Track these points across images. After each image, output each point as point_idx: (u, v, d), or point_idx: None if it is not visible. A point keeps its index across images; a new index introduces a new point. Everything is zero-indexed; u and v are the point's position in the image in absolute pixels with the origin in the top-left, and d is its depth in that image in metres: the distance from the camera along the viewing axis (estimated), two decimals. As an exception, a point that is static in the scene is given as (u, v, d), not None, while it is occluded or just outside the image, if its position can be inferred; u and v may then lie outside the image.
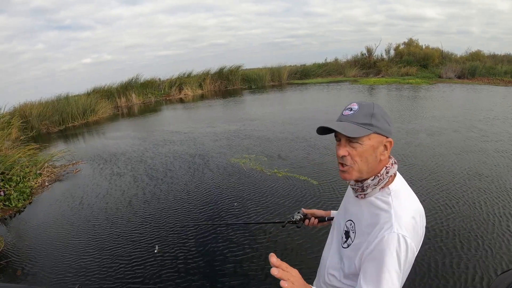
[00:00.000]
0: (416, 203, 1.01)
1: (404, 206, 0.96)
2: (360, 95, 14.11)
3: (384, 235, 0.90)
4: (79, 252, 3.50)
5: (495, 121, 8.05)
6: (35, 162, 6.65)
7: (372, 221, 0.98)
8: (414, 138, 6.75)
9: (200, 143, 7.69)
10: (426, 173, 4.88)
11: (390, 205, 0.96)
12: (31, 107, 12.57)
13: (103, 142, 9.15)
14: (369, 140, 0.98)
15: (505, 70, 18.26)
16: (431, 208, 3.77)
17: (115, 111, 15.90)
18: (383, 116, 1.00)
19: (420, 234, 0.98)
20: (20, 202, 5.08)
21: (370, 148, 0.99)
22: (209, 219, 3.97)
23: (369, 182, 1.02)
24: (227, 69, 21.53)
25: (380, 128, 0.98)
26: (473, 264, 2.81)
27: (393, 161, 1.06)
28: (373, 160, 1.00)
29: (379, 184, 1.01)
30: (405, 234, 0.89)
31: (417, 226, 0.95)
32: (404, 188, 1.04)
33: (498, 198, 3.98)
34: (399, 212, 0.93)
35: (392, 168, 1.03)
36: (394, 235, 0.89)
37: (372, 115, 0.98)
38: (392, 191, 1.00)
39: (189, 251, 3.33)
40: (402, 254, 0.88)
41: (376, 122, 0.98)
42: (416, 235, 0.94)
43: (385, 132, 1.00)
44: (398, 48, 24.02)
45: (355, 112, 1.00)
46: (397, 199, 0.97)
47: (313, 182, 4.76)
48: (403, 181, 1.06)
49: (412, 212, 0.96)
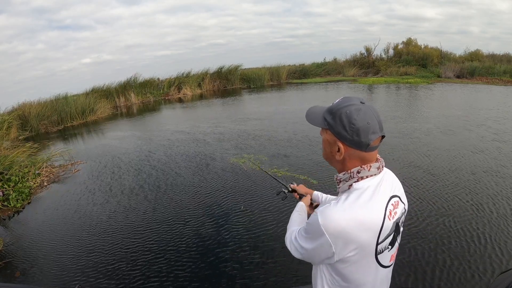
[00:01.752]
0: (362, 213, 0.95)
1: (345, 210, 0.95)
2: (359, 94, 14.10)
3: (314, 214, 1.00)
4: (78, 252, 3.49)
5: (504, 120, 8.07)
6: (34, 162, 6.63)
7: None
8: (417, 137, 6.76)
9: (199, 142, 7.68)
10: (420, 170, 4.89)
11: (338, 199, 1.01)
12: (30, 107, 12.54)
13: (102, 142, 9.13)
14: (326, 133, 1.04)
15: (504, 70, 18.25)
16: (430, 207, 3.77)
17: (114, 110, 15.87)
18: (342, 119, 0.96)
19: (349, 246, 0.94)
20: (19, 202, 5.06)
21: (326, 141, 1.06)
22: (210, 218, 3.97)
23: (341, 176, 1.05)
24: (226, 68, 21.52)
25: (332, 127, 1.00)
26: (473, 264, 2.80)
27: (379, 165, 1.02)
28: (329, 154, 1.07)
29: (349, 181, 1.02)
30: (321, 222, 0.94)
31: (346, 235, 0.93)
32: (367, 192, 0.99)
33: (499, 198, 3.98)
34: (336, 209, 0.96)
35: (365, 170, 1.00)
36: (317, 215, 0.97)
37: (333, 113, 0.99)
38: (352, 189, 1.00)
39: (190, 251, 3.33)
40: (310, 226, 1.01)
41: (331, 120, 1.00)
42: (339, 239, 0.93)
43: (337, 135, 0.99)
44: (397, 48, 24.05)
45: (332, 104, 1.04)
46: (347, 198, 0.98)
47: (313, 182, 4.75)
48: (376, 189, 1.00)
49: (347, 221, 0.93)
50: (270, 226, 3.66)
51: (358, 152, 0.99)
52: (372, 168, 1.00)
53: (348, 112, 0.95)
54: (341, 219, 0.93)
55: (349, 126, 0.95)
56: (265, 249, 3.25)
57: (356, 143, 0.96)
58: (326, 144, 1.06)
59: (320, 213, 0.96)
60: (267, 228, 3.62)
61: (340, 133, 0.97)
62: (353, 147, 0.98)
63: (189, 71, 21.16)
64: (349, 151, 0.99)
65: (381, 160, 1.05)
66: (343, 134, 0.97)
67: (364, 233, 0.95)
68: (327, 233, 0.93)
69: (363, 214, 0.95)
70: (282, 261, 3.04)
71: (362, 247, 0.96)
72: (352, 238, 0.93)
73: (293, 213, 1.39)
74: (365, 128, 0.94)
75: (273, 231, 3.56)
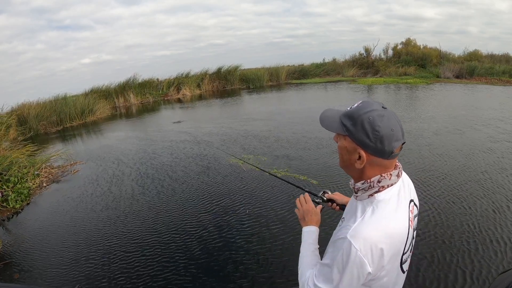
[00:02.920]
0: (392, 226, 0.92)
1: (374, 224, 0.90)
2: (358, 94, 14.11)
3: (340, 235, 0.93)
4: (78, 253, 3.48)
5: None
6: (33, 162, 6.62)
7: (346, 220, 1.01)
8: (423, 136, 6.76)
9: (199, 142, 7.67)
10: (422, 171, 4.89)
11: (364, 213, 0.94)
12: (29, 108, 12.55)
13: (102, 142, 9.12)
14: (344, 140, 0.98)
15: (503, 70, 18.28)
16: (431, 207, 3.76)
17: (113, 111, 15.86)
18: (364, 126, 0.91)
19: (383, 260, 0.89)
20: (18, 203, 5.05)
21: (344, 149, 0.99)
22: (211, 218, 3.96)
23: (359, 186, 0.99)
24: (225, 69, 21.53)
25: (353, 134, 0.93)
26: (473, 263, 2.80)
27: (397, 172, 0.99)
28: (347, 162, 0.99)
29: (369, 190, 0.97)
30: (356, 246, 0.86)
31: (378, 250, 0.88)
32: (391, 203, 0.96)
33: (499, 197, 3.98)
34: (365, 226, 0.90)
35: (386, 179, 0.96)
36: (346, 240, 0.89)
37: (354, 119, 0.93)
38: (376, 201, 0.96)
39: (190, 251, 3.32)
40: (345, 260, 0.88)
41: (352, 127, 0.94)
42: (374, 257, 0.87)
43: (359, 142, 0.93)
44: (396, 48, 24.07)
45: (350, 109, 0.98)
46: (373, 212, 0.93)
47: (313, 182, 4.75)
48: (397, 198, 0.98)
49: (378, 233, 0.89)
50: (272, 225, 3.66)
51: (380, 160, 0.94)
52: (392, 177, 0.96)
53: (371, 118, 0.90)
54: (373, 236, 0.88)
55: (373, 133, 0.90)
56: (265, 249, 3.25)
57: (379, 151, 0.91)
58: (344, 152, 0.99)
59: (352, 237, 0.88)
60: (270, 228, 3.62)
61: (363, 140, 0.92)
62: (375, 155, 0.93)
63: (189, 72, 21.22)
64: (371, 159, 0.94)
65: (399, 166, 1.02)
66: (365, 142, 0.91)
67: (394, 246, 0.92)
68: (362, 253, 0.86)
69: (392, 227, 0.92)
70: (282, 261, 3.03)
71: (392, 261, 0.92)
72: (385, 253, 0.89)
73: (305, 248, 1.21)
74: (389, 135, 0.89)
75: (276, 230, 3.55)
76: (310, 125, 8.48)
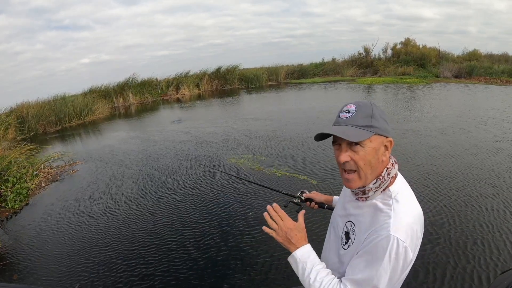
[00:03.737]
0: (417, 208, 0.97)
1: (405, 211, 0.93)
2: (358, 94, 14.12)
3: (380, 235, 0.89)
4: (77, 253, 3.47)
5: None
6: (32, 163, 6.61)
7: (371, 222, 0.97)
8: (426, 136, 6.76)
9: (198, 142, 7.67)
10: (425, 173, 4.88)
11: (391, 207, 0.94)
12: (28, 107, 12.52)
13: (101, 142, 9.10)
14: (370, 142, 0.94)
15: (502, 70, 18.32)
16: (432, 207, 3.76)
17: (112, 111, 15.84)
18: (381, 116, 0.97)
19: (418, 241, 0.94)
20: (17, 203, 5.04)
21: (373, 151, 0.95)
22: (210, 220, 3.95)
23: (371, 186, 0.99)
24: (224, 69, 21.51)
25: (380, 128, 0.95)
26: (473, 263, 2.81)
27: (393, 160, 1.04)
28: (376, 162, 0.97)
29: (381, 186, 0.99)
30: (401, 238, 0.87)
31: (415, 233, 0.91)
32: (405, 190, 1.00)
33: (500, 197, 3.98)
34: (399, 216, 0.91)
35: (393, 169, 1.00)
36: (390, 237, 0.87)
37: (372, 116, 0.95)
38: (393, 193, 0.98)
39: (188, 251, 3.31)
40: (393, 257, 0.87)
41: (376, 123, 0.95)
42: (413, 241, 0.90)
43: (385, 132, 0.97)
44: (395, 48, 24.10)
45: (353, 114, 0.96)
46: (398, 202, 0.94)
47: (312, 182, 4.75)
48: (403, 182, 1.04)
49: (412, 218, 0.92)
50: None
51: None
52: (394, 165, 1.03)
53: (378, 109, 0.99)
54: (410, 223, 0.91)
55: (387, 118, 1.00)
56: (265, 249, 3.24)
57: (391, 132, 1.01)
58: (372, 155, 0.96)
59: (396, 232, 0.87)
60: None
61: (386, 128, 0.98)
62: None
63: (188, 71, 21.22)
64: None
65: (392, 157, 1.07)
66: (388, 129, 0.99)
67: (422, 227, 0.97)
68: (407, 243, 0.88)
69: (417, 210, 0.97)
70: (282, 260, 3.03)
71: (419, 242, 0.97)
72: (419, 235, 0.95)
73: (314, 274, 1.03)
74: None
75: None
76: (315, 124, 8.49)
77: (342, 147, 0.98)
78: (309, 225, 3.53)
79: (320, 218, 3.59)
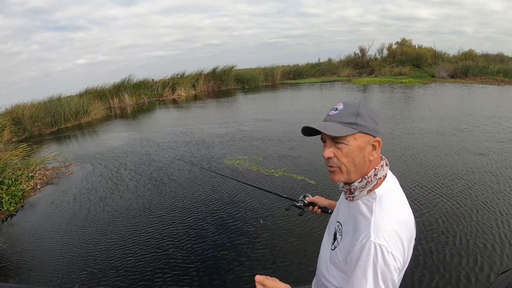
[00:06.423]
0: (402, 213, 0.94)
1: (387, 216, 0.90)
2: (354, 94, 14.16)
3: (361, 244, 0.88)
4: (73, 255, 3.42)
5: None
6: (27, 164, 6.54)
7: (355, 226, 0.97)
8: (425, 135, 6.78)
9: (196, 143, 7.64)
10: (424, 169, 4.90)
11: (372, 211, 0.93)
12: (23, 109, 12.40)
13: (96, 144, 9.04)
14: (354, 140, 0.95)
15: (497, 70, 18.47)
16: (430, 208, 3.76)
17: (108, 112, 15.75)
18: (369, 115, 0.96)
19: (406, 245, 0.90)
20: (12, 205, 4.97)
21: (357, 148, 0.95)
22: (209, 223, 3.93)
23: (356, 185, 0.99)
24: (220, 69, 21.51)
25: (366, 127, 0.95)
26: (473, 263, 2.81)
27: (385, 162, 1.03)
28: (361, 161, 0.97)
29: (367, 186, 0.98)
30: (383, 244, 0.84)
31: (399, 238, 0.88)
32: (392, 193, 0.98)
33: (500, 197, 3.99)
34: (379, 222, 0.89)
35: (381, 170, 0.99)
36: (370, 244, 0.86)
37: (357, 114, 0.95)
38: (378, 196, 0.96)
39: (187, 251, 3.29)
40: (379, 264, 0.84)
41: (361, 121, 0.95)
42: (398, 246, 0.87)
43: (372, 131, 0.96)
44: (391, 48, 24.25)
45: (340, 111, 0.98)
46: (380, 207, 0.93)
47: (311, 182, 4.74)
48: (394, 185, 1.01)
49: (396, 223, 0.89)
50: (272, 225, 3.64)
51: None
52: (384, 167, 1.01)
53: (368, 107, 0.98)
54: (392, 227, 0.88)
55: (376, 118, 0.99)
56: (265, 250, 3.23)
57: (381, 133, 1.00)
58: (356, 152, 0.96)
59: (376, 238, 0.86)
60: (269, 228, 3.60)
61: (374, 128, 0.97)
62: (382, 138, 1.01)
63: (184, 72, 21.19)
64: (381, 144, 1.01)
65: (384, 158, 1.05)
66: (376, 128, 0.98)
67: (409, 232, 0.94)
68: (391, 247, 0.85)
69: (403, 214, 0.94)
70: (282, 260, 3.01)
71: (410, 247, 0.94)
72: (404, 239, 0.89)
73: None
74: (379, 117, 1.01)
75: (276, 226, 3.54)
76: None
77: (327, 143, 0.99)
78: (312, 226, 3.53)
79: (323, 219, 3.58)
